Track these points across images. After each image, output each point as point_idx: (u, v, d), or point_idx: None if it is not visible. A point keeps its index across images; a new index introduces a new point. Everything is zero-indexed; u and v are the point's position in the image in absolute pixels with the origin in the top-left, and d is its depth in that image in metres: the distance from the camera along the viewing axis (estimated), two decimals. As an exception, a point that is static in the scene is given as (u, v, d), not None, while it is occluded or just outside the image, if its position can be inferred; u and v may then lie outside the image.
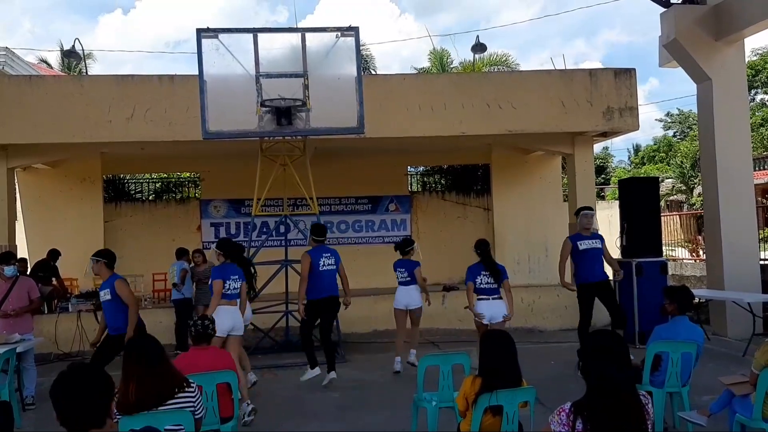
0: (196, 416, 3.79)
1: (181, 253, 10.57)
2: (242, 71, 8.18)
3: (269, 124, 8.22)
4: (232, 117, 8.20)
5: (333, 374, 7.50)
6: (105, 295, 6.52)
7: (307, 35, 8.36)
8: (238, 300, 7.11)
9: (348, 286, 7.95)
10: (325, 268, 7.47)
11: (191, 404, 3.76)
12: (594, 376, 2.83)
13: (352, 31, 8.30)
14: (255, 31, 8.25)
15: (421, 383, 5.30)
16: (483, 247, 7.61)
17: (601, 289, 8.14)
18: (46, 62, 26.25)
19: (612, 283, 8.46)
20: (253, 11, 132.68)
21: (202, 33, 8.09)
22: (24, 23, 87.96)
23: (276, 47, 8.40)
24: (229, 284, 6.93)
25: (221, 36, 8.08)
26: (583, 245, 8.13)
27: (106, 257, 6.62)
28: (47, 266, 11.56)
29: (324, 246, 7.75)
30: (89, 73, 22.65)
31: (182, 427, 3.70)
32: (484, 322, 7.35)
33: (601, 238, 8.34)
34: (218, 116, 8.12)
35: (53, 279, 11.53)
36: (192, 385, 3.81)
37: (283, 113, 8.14)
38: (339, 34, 8.28)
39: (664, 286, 5.88)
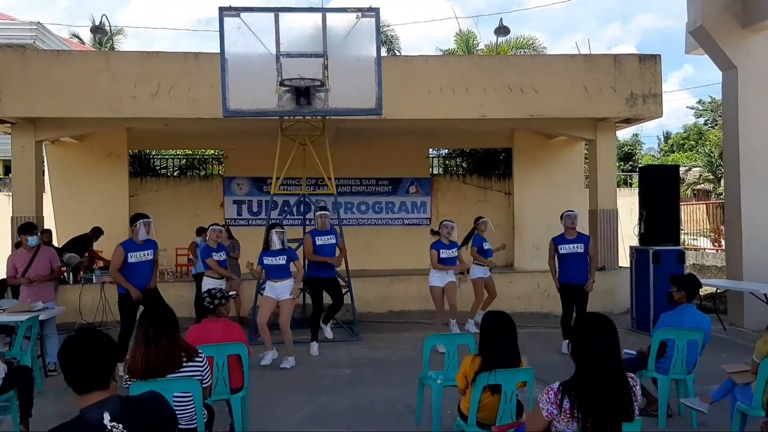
0: (204, 385, 3.93)
1: (200, 231, 10.93)
2: (263, 50, 8.26)
3: (288, 104, 8.32)
4: (253, 96, 8.30)
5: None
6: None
7: (328, 15, 8.41)
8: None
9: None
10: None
11: (199, 373, 3.90)
12: (583, 357, 2.90)
13: (373, 11, 8.31)
14: (276, 11, 8.31)
15: (426, 362, 5.40)
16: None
17: (575, 292, 8.27)
18: (78, 37, 26.64)
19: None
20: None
21: (224, 12, 8.19)
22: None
23: (297, 27, 8.45)
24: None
25: (243, 15, 8.16)
26: (563, 249, 8.29)
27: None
28: (90, 241, 11.91)
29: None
30: (119, 50, 22.94)
31: (190, 394, 3.85)
32: None
33: (584, 241, 8.34)
34: (239, 95, 8.25)
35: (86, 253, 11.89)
36: (201, 355, 3.95)
37: (303, 93, 8.22)
38: (359, 14, 8.29)
39: (671, 274, 5.87)
